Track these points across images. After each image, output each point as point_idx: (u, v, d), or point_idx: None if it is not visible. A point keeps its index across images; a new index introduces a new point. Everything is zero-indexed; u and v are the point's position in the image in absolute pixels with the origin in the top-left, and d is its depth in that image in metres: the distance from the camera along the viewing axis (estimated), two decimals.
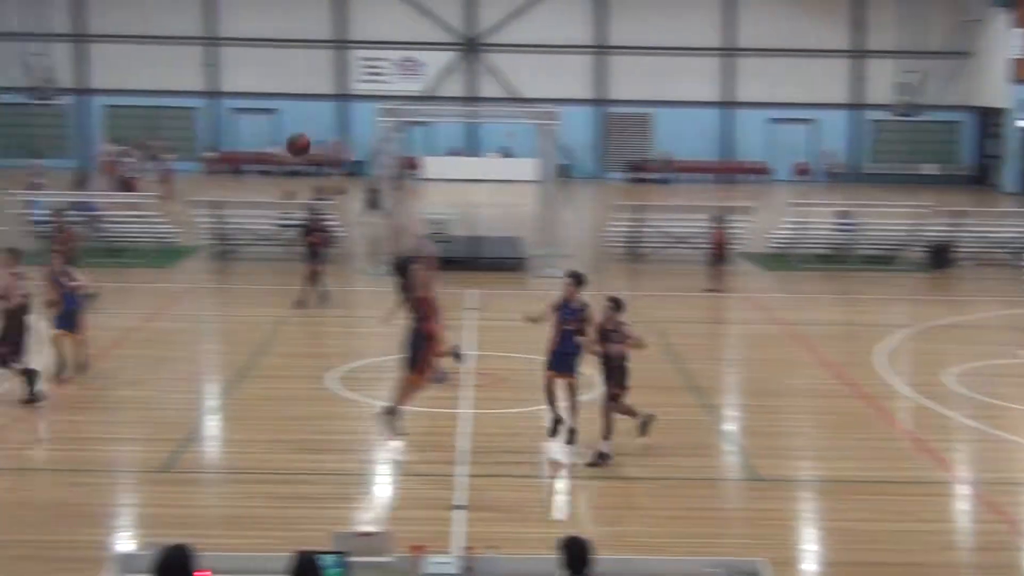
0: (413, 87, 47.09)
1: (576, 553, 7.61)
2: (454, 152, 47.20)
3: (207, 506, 12.23)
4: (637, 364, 13.95)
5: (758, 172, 48.11)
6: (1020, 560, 11.59)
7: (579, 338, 13.80)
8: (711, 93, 48.29)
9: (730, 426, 15.67)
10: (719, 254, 24.94)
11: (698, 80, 48.14)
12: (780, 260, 28.19)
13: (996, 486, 13.26)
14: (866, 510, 12.34)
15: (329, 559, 7.81)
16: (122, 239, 27.57)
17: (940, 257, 27.71)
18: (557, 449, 13.65)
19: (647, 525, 11.87)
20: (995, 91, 46.38)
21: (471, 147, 47.66)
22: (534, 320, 14.31)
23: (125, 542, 11.11)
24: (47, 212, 27.43)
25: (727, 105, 48.40)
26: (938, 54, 43.45)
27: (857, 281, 26.56)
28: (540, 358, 14.22)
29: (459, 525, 11.56)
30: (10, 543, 10.99)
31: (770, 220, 30.27)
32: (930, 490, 13.15)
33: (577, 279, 14.01)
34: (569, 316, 13.86)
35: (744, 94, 48.16)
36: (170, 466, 13.22)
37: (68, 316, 16.10)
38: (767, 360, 19.18)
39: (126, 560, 8.41)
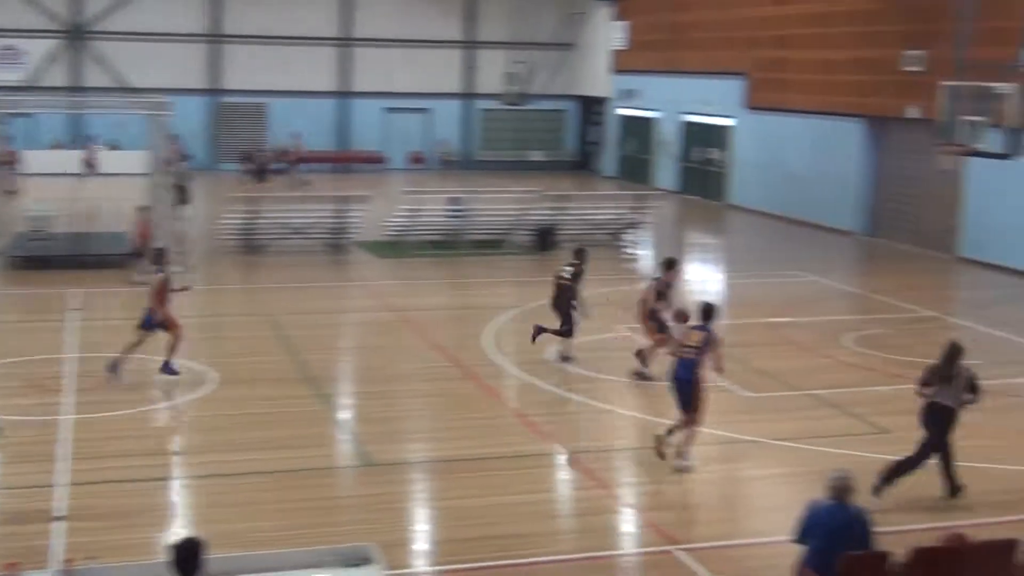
0: (12, 76, 44.45)
1: (186, 554, 7.50)
2: (59, 145, 44.91)
3: None
4: (252, 358, 13.80)
5: (374, 161, 48.62)
6: (614, 522, 12.34)
7: None
8: (328, 83, 48.34)
9: (344, 414, 15.83)
10: (143, 245, 23.11)
11: (315, 69, 48.05)
12: (395, 247, 28.66)
13: (593, 454, 14.06)
14: (475, 486, 12.82)
15: None
16: None
17: (545, 239, 29.00)
18: None
19: (262, 520, 11.78)
20: (597, 81, 48.97)
21: (78, 139, 45.46)
22: None
23: None
24: None
25: (343, 95, 48.60)
26: (545, 45, 45.29)
27: (468, 265, 27.41)
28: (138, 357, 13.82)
29: (60, 537, 11.10)
30: None
31: (386, 208, 30.72)
32: (535, 462, 13.79)
33: None
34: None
35: (360, 84, 48.50)
36: None
37: None
38: (382, 347, 19.47)
39: None
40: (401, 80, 48.52)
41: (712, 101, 40.19)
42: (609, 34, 47.52)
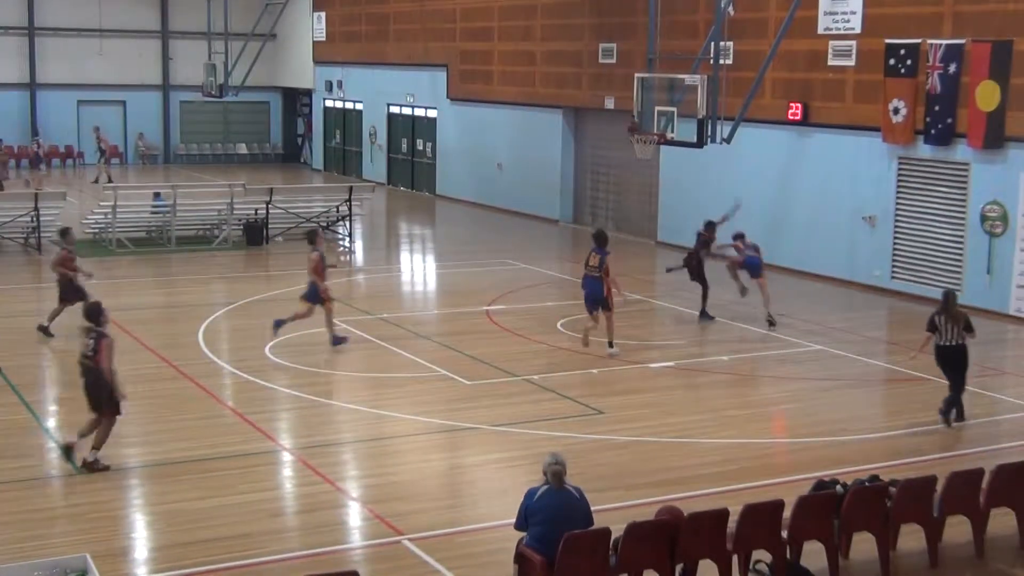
0: None
1: None
2: None
3: None
4: None
5: (69, 156, 46.61)
6: (341, 516, 12.30)
7: None
8: (14, 75, 45.87)
9: (52, 422, 15.15)
10: None
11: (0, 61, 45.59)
12: (96, 245, 27.59)
13: (315, 449, 13.97)
14: (196, 489, 12.50)
15: None
16: None
17: (255, 234, 28.53)
18: None
19: None
20: (301, 72, 48.43)
21: None
22: None
23: None
24: None
25: (31, 87, 46.23)
26: (246, 35, 44.40)
27: (175, 262, 26.66)
28: None
29: None
30: None
31: (85, 205, 29.48)
32: (256, 460, 13.57)
33: None
34: None
35: (49, 75, 46.25)
36: None
37: None
38: None
39: None
40: (95, 71, 46.61)
41: (416, 92, 40.50)
42: (310, 24, 47.12)
